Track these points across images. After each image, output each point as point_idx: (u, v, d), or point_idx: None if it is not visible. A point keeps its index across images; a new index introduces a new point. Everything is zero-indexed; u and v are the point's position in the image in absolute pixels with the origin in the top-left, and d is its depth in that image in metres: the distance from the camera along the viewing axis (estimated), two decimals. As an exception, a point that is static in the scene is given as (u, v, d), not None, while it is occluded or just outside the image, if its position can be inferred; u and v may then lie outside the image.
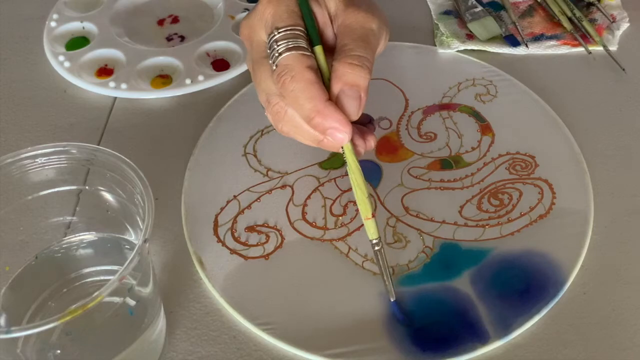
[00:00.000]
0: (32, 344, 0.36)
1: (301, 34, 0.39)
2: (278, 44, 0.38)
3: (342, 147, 0.40)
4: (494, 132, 0.54)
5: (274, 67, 0.39)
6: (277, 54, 0.38)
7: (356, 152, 0.41)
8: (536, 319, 0.43)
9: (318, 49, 0.39)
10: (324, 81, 0.39)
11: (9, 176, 0.40)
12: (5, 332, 0.32)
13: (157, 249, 0.48)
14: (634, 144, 0.53)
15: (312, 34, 0.40)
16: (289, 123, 0.41)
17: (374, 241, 0.42)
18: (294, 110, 0.39)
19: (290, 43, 0.38)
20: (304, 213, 0.49)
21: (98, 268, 0.43)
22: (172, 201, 0.50)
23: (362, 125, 0.43)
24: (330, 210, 0.49)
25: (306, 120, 0.39)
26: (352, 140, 0.40)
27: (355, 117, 0.39)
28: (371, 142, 0.42)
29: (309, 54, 0.39)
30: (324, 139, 0.39)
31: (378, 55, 0.41)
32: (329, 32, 0.41)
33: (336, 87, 0.38)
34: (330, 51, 0.40)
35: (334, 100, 0.38)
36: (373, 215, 0.42)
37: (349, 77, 0.38)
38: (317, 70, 0.39)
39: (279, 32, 0.39)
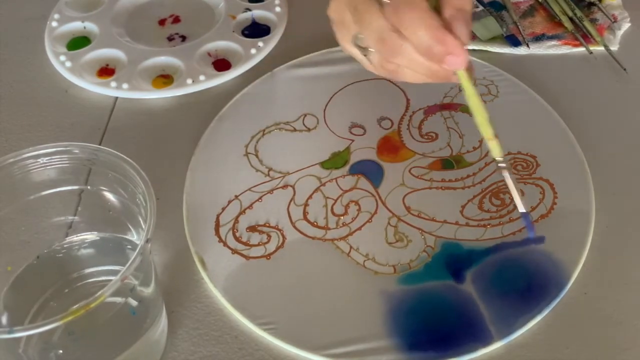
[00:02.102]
0: (34, 344, 0.36)
1: None
2: None
3: (456, 74, 0.41)
4: (495, 132, 0.54)
5: (388, 0, 0.39)
6: None
7: (470, 77, 0.41)
8: (537, 318, 0.43)
9: None
10: None
11: (11, 176, 0.40)
12: (7, 332, 0.32)
13: (158, 249, 0.48)
14: (635, 144, 0.53)
15: None
16: (405, 57, 0.41)
17: (499, 159, 0.43)
18: (412, 42, 0.40)
19: None
20: (305, 213, 0.49)
21: (100, 268, 0.43)
22: (174, 201, 0.50)
23: None
24: (332, 210, 0.49)
25: (425, 50, 0.39)
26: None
27: (467, 41, 0.40)
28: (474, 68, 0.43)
29: None
30: (440, 67, 0.40)
31: None
32: None
33: (447, 12, 0.40)
34: None
35: (445, 27, 0.39)
36: (496, 136, 0.42)
37: (457, 2, 0.40)
38: None
39: None
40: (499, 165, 0.43)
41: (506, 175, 0.43)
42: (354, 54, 0.46)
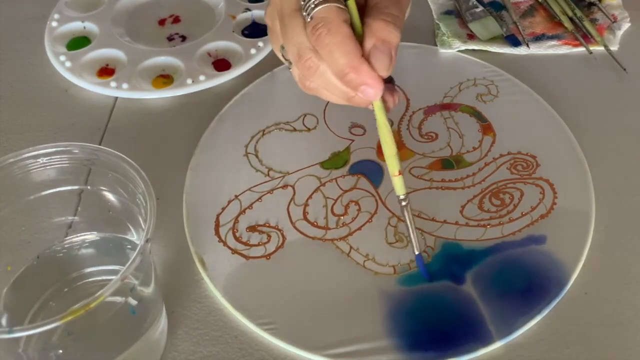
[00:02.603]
0: (34, 344, 0.36)
1: None
2: None
3: (371, 104, 0.40)
4: (495, 132, 0.54)
5: (309, 19, 0.38)
6: (312, 6, 0.38)
7: (386, 108, 0.41)
8: (537, 318, 0.43)
9: (351, 3, 0.39)
10: (356, 37, 0.39)
11: (11, 176, 0.40)
12: (7, 332, 0.32)
13: (158, 249, 0.48)
14: (635, 144, 0.53)
15: None
16: (320, 79, 0.40)
17: (401, 197, 0.43)
18: (327, 64, 0.39)
19: None
20: (305, 213, 0.49)
21: (100, 268, 0.43)
22: (174, 201, 0.50)
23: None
24: (332, 210, 0.49)
25: (339, 75, 0.39)
26: (382, 97, 0.40)
27: (386, 74, 0.39)
28: (396, 98, 0.42)
29: (343, 7, 0.38)
30: (355, 95, 0.39)
31: (405, 19, 0.41)
32: None
33: (369, 43, 0.38)
34: (359, 9, 0.40)
35: (365, 57, 0.38)
36: (400, 173, 0.42)
37: (382, 33, 0.38)
38: (350, 25, 0.38)
39: None
40: (402, 203, 0.43)
41: (406, 214, 0.43)
42: (284, 63, 0.45)
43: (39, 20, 0.65)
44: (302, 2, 0.39)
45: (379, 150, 0.53)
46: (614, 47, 0.61)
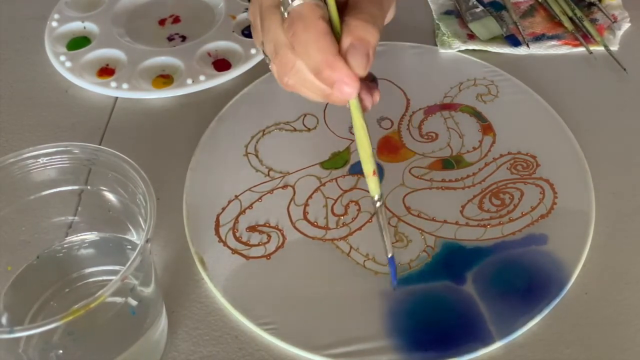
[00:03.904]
0: (34, 344, 0.36)
1: None
2: None
3: (348, 103, 0.39)
4: (495, 132, 0.54)
5: (286, 15, 0.38)
6: (290, 2, 0.37)
7: (363, 107, 0.40)
8: (538, 318, 0.43)
9: (330, 0, 0.38)
10: (334, 35, 0.38)
11: (11, 176, 0.40)
12: (7, 332, 0.32)
13: (158, 249, 0.48)
14: (635, 144, 0.53)
15: None
16: (296, 75, 0.40)
17: (376, 197, 0.41)
18: (303, 61, 0.38)
19: None
20: (305, 213, 0.49)
21: (100, 268, 0.43)
22: (174, 201, 0.50)
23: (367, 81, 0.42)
24: (332, 210, 0.49)
25: (314, 72, 0.38)
26: (359, 96, 0.39)
27: (362, 74, 0.38)
28: (377, 96, 0.41)
29: (322, 4, 0.38)
30: (332, 92, 0.39)
31: (387, 22, 0.40)
32: None
33: (346, 41, 0.38)
34: (340, 8, 0.39)
35: (342, 55, 0.38)
36: (375, 173, 0.41)
37: (360, 32, 0.37)
38: (329, 22, 0.38)
39: None
40: (376, 204, 0.41)
41: (380, 215, 0.42)
42: (265, 60, 0.44)
43: (39, 20, 0.65)
44: None
45: (379, 150, 0.53)
46: (614, 47, 0.61)
